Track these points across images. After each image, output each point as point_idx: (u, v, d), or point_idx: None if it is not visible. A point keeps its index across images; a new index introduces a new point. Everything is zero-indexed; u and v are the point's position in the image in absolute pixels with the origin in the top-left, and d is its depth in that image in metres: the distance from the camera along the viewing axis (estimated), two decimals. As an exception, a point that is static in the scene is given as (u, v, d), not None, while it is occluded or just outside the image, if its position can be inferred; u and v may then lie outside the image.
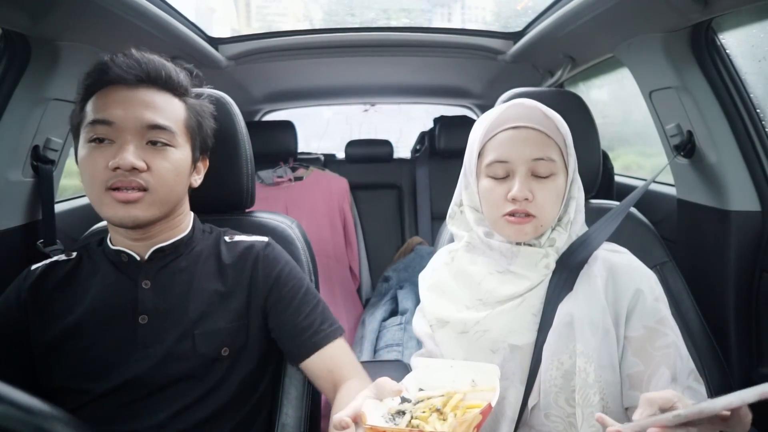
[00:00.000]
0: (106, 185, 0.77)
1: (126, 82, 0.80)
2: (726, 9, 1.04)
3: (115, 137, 0.78)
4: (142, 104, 0.80)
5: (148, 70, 0.81)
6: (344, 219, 2.34)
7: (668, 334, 0.76)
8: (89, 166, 0.78)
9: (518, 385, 0.78)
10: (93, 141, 0.78)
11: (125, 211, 0.78)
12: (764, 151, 1.22)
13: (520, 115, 0.80)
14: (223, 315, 0.86)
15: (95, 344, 0.81)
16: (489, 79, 2.30)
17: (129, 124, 0.78)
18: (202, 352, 0.83)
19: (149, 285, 0.84)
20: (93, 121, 0.78)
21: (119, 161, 0.75)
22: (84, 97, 0.82)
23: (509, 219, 0.79)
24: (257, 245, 0.93)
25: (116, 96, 0.79)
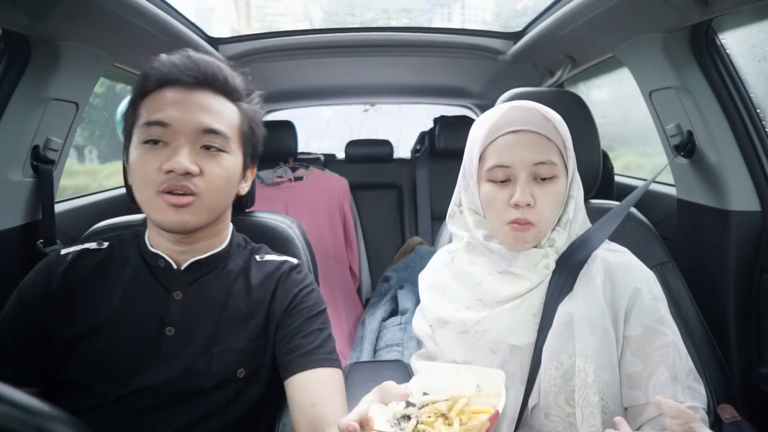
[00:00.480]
0: (158, 188, 0.76)
1: (182, 84, 0.78)
2: (726, 9, 1.04)
3: (170, 139, 0.76)
4: (198, 107, 0.78)
5: (205, 72, 0.80)
6: (344, 219, 2.34)
7: (667, 334, 0.76)
8: (142, 167, 0.76)
9: (518, 386, 0.78)
10: (147, 142, 0.76)
11: (176, 215, 0.77)
12: (764, 151, 1.22)
13: (520, 119, 0.80)
14: (242, 335, 0.83)
15: (117, 347, 0.78)
16: (489, 79, 2.30)
17: (185, 126, 0.77)
18: (216, 372, 0.80)
19: (180, 296, 0.82)
20: (148, 122, 0.76)
21: (173, 165, 0.74)
22: (138, 96, 0.80)
23: (511, 227, 0.79)
24: (285, 266, 0.92)
25: (172, 97, 0.78)
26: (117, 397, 0.76)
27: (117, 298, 0.81)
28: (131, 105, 0.81)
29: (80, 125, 1.34)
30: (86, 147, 2.62)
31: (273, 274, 0.90)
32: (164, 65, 0.79)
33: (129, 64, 1.48)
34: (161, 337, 0.79)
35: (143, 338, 0.79)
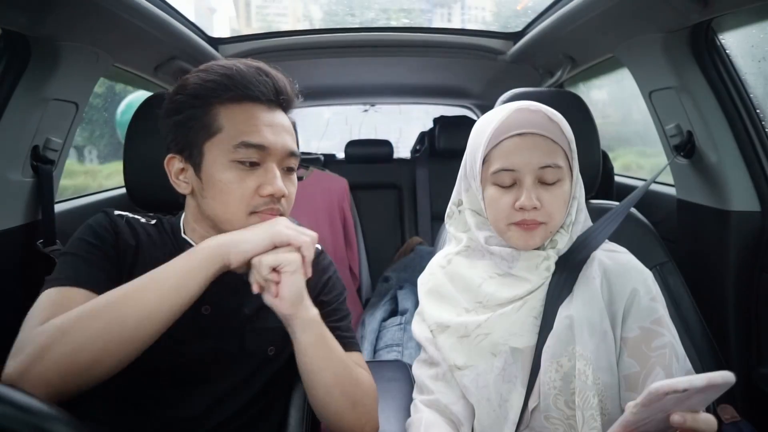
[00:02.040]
0: (252, 209, 0.77)
1: (264, 101, 0.79)
2: (726, 9, 1.05)
3: (262, 161, 0.78)
4: (283, 129, 0.80)
5: (281, 88, 0.81)
6: (344, 219, 2.34)
7: (664, 335, 0.76)
8: (237, 189, 0.77)
9: (520, 388, 0.78)
10: (242, 162, 0.77)
11: None
12: (764, 152, 1.22)
13: (525, 121, 0.79)
14: (274, 315, 0.84)
15: None
16: (489, 80, 2.30)
17: (277, 150, 0.78)
18: (251, 350, 0.84)
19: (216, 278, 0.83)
20: (247, 144, 0.76)
21: (276, 190, 0.77)
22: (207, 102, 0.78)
23: (517, 228, 0.79)
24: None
25: (263, 117, 0.78)
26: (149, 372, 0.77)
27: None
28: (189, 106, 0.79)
29: (80, 125, 1.34)
30: (86, 147, 2.62)
31: None
32: (242, 76, 0.78)
33: (129, 64, 1.48)
34: (198, 316, 0.80)
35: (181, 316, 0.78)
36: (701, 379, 0.48)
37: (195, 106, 0.78)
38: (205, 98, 0.78)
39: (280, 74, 0.83)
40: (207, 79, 0.78)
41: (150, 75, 1.59)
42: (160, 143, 1.04)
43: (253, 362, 0.85)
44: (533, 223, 0.78)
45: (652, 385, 0.49)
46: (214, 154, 0.77)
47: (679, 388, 0.48)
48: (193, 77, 0.80)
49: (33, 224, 1.22)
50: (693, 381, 0.48)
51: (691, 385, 0.48)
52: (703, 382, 0.48)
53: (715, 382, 0.49)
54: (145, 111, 1.06)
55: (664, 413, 0.52)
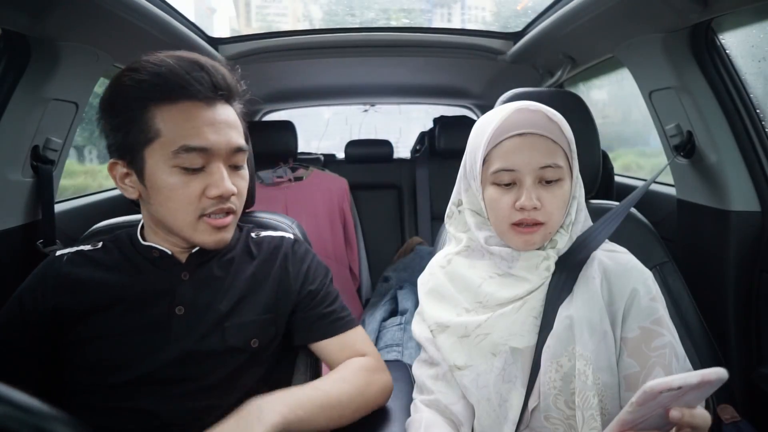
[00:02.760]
0: (201, 213, 0.77)
1: (202, 97, 0.75)
2: (726, 9, 1.05)
3: (206, 162, 0.76)
4: (227, 125, 0.77)
5: (219, 81, 0.77)
6: (344, 219, 2.34)
7: (664, 335, 0.76)
8: (182, 195, 0.75)
9: (520, 388, 0.78)
10: (185, 168, 0.74)
11: (219, 235, 0.79)
12: (764, 152, 1.22)
13: (525, 121, 0.79)
14: (253, 308, 0.86)
15: (128, 333, 0.78)
16: (489, 80, 2.30)
17: (221, 149, 0.76)
18: (232, 344, 0.82)
19: (188, 277, 0.84)
20: (189, 148, 0.73)
21: (222, 191, 0.75)
22: (143, 101, 0.74)
23: (517, 229, 0.79)
24: (286, 241, 0.95)
25: (201, 116, 0.75)
26: (128, 378, 0.77)
27: (121, 287, 0.81)
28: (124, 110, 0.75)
29: (80, 125, 1.34)
30: (86, 147, 2.62)
31: (277, 250, 0.93)
32: (176, 72, 0.74)
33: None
34: (171, 317, 0.80)
35: (153, 319, 0.79)
36: (695, 376, 0.48)
37: (131, 108, 0.75)
38: (139, 100, 0.74)
39: (219, 65, 0.80)
40: (139, 79, 0.74)
41: (150, 75, 1.59)
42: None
43: (238, 357, 0.83)
44: (533, 223, 0.78)
45: (646, 384, 0.49)
46: (155, 160, 0.75)
47: (673, 386, 0.48)
48: (125, 77, 0.76)
49: (33, 224, 1.22)
50: (687, 378, 0.48)
51: (685, 383, 0.48)
52: (696, 378, 0.48)
53: (709, 378, 0.49)
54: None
55: (660, 411, 0.52)
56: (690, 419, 0.52)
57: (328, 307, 0.92)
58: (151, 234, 0.86)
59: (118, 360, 0.77)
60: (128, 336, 0.78)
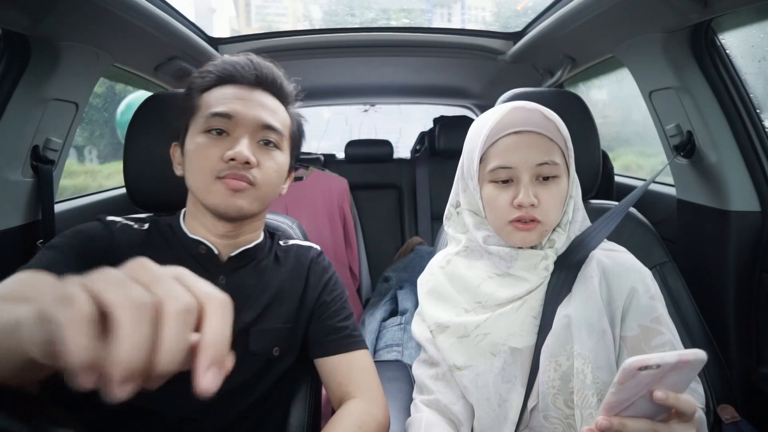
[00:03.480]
0: (217, 174, 0.80)
1: (243, 82, 0.84)
2: (726, 9, 1.04)
3: (231, 130, 0.81)
4: (259, 104, 0.84)
5: (264, 74, 0.86)
6: (344, 219, 2.34)
7: (664, 333, 0.76)
8: (203, 155, 0.80)
9: (519, 388, 0.78)
10: (209, 131, 0.81)
11: (232, 200, 0.80)
12: (764, 152, 1.22)
13: (522, 120, 0.79)
14: (278, 316, 0.88)
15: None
16: (489, 80, 2.30)
17: (247, 120, 0.81)
18: (254, 350, 0.84)
19: (224, 282, 0.85)
20: (214, 113, 0.81)
21: (235, 153, 0.78)
22: (198, 91, 0.85)
23: (516, 226, 0.79)
24: (312, 252, 0.98)
25: (235, 92, 0.83)
26: None
27: None
28: (188, 97, 0.86)
29: (80, 125, 1.34)
30: (86, 147, 2.62)
31: (302, 260, 0.96)
32: (226, 64, 0.85)
33: (129, 64, 1.48)
34: None
35: None
36: (673, 356, 0.49)
37: (190, 96, 0.86)
38: (196, 87, 0.85)
39: (271, 65, 0.88)
40: (202, 71, 0.86)
41: (150, 75, 1.59)
42: (159, 143, 1.04)
43: (258, 363, 0.85)
44: (531, 220, 0.78)
45: (625, 362, 0.50)
46: (193, 130, 0.83)
47: (650, 363, 0.49)
48: (194, 73, 0.88)
49: (33, 224, 1.22)
50: (665, 357, 0.49)
51: (663, 361, 0.49)
52: (674, 358, 0.49)
53: (687, 358, 0.50)
54: (144, 111, 1.06)
55: (644, 393, 0.52)
56: (675, 401, 0.53)
57: (341, 322, 0.92)
58: (193, 222, 0.87)
59: None
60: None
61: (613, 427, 0.54)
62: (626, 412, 0.54)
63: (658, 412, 0.55)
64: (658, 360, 0.49)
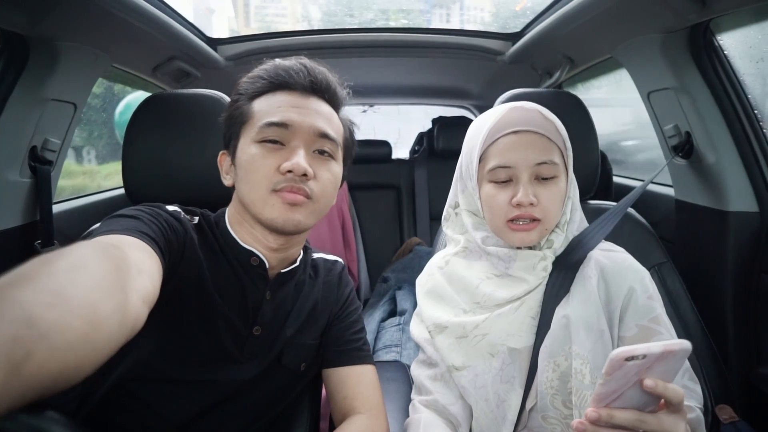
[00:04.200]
0: (273, 187, 0.76)
1: (297, 89, 0.81)
2: (724, 10, 1.05)
3: (287, 140, 0.77)
4: (315, 112, 0.80)
5: (319, 80, 0.82)
6: (343, 220, 2.34)
7: (662, 333, 0.76)
8: (258, 166, 0.76)
9: (518, 389, 0.78)
10: (264, 141, 0.77)
11: (290, 214, 0.76)
12: (762, 152, 1.22)
13: (521, 119, 0.80)
14: (311, 332, 0.88)
15: (208, 335, 0.77)
16: (487, 80, 2.30)
17: (303, 129, 0.78)
18: (285, 364, 0.84)
19: (270, 297, 0.83)
20: (269, 123, 0.77)
21: (293, 166, 0.75)
22: (248, 98, 0.81)
23: (513, 226, 0.79)
24: (338, 266, 0.98)
25: (289, 100, 0.79)
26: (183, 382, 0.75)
27: (218, 283, 0.79)
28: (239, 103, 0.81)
29: (78, 126, 1.34)
30: (84, 147, 2.61)
31: (331, 275, 0.95)
32: (279, 69, 0.81)
33: (127, 64, 1.48)
34: (248, 335, 0.80)
35: (233, 333, 0.79)
36: (658, 346, 0.50)
37: (240, 101, 0.82)
38: (247, 93, 0.81)
39: (324, 69, 0.85)
40: (252, 76, 0.83)
41: (149, 75, 1.59)
42: (158, 143, 1.04)
43: (285, 377, 0.84)
44: (530, 219, 0.78)
45: (612, 352, 0.51)
46: (245, 139, 0.79)
47: (636, 353, 0.50)
48: (244, 78, 0.84)
49: (31, 225, 1.21)
50: (650, 347, 0.50)
51: (649, 351, 0.50)
52: (659, 348, 0.50)
53: (672, 348, 0.51)
54: (143, 111, 1.06)
55: (632, 385, 0.53)
56: (663, 390, 0.53)
57: (355, 335, 0.92)
58: (238, 228, 0.83)
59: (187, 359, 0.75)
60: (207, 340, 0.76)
61: (602, 418, 0.54)
62: (615, 403, 0.54)
63: (647, 403, 0.56)
64: (644, 350, 0.50)
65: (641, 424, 0.54)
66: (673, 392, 0.54)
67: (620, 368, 0.51)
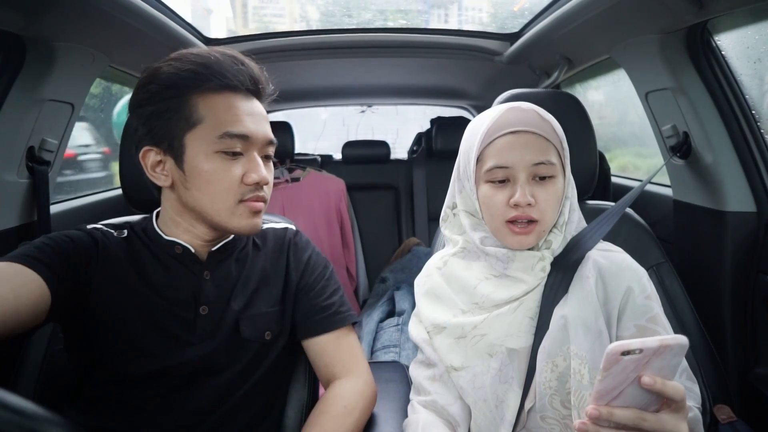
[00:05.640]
0: (240, 198, 0.79)
1: (243, 90, 0.80)
2: (721, 11, 1.05)
3: (245, 150, 0.79)
4: (262, 118, 0.82)
5: (258, 81, 0.82)
6: (341, 220, 2.34)
7: (660, 333, 0.76)
8: (224, 179, 0.77)
9: (516, 389, 0.78)
10: (225, 152, 0.77)
11: (255, 220, 0.81)
12: (759, 153, 1.22)
13: (518, 120, 0.80)
14: (264, 300, 0.88)
15: (153, 329, 0.79)
16: (486, 80, 2.30)
17: (258, 139, 0.80)
18: (246, 337, 0.84)
19: (209, 276, 0.85)
20: (231, 134, 0.77)
21: (260, 178, 0.79)
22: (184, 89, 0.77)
23: (512, 228, 0.79)
24: (288, 232, 0.98)
25: (242, 106, 0.79)
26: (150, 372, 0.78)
27: (152, 282, 0.82)
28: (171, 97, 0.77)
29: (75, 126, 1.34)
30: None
31: (281, 242, 0.95)
32: (223, 68, 0.78)
33: (125, 65, 1.48)
34: (195, 316, 0.82)
35: (179, 318, 0.81)
36: (654, 341, 0.51)
37: (171, 96, 0.77)
38: (182, 88, 0.77)
39: (253, 63, 0.84)
40: (183, 68, 0.77)
41: (146, 76, 1.59)
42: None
43: (252, 349, 0.85)
44: (527, 220, 0.78)
45: (608, 347, 0.51)
46: (197, 145, 0.77)
47: (632, 348, 0.50)
48: (166, 66, 0.78)
49: (28, 225, 1.21)
50: (646, 342, 0.51)
51: (645, 346, 0.51)
52: (656, 343, 0.51)
53: (668, 343, 0.51)
54: (141, 112, 1.05)
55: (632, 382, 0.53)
56: (662, 387, 0.53)
57: (327, 300, 0.92)
58: (172, 226, 0.85)
59: (139, 353, 0.78)
60: (153, 332, 0.79)
61: (602, 416, 0.54)
62: (616, 402, 0.54)
63: (649, 402, 0.56)
64: (639, 345, 0.51)
65: (642, 422, 0.54)
66: (673, 389, 0.54)
67: (617, 363, 0.51)
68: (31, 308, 0.68)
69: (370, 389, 0.89)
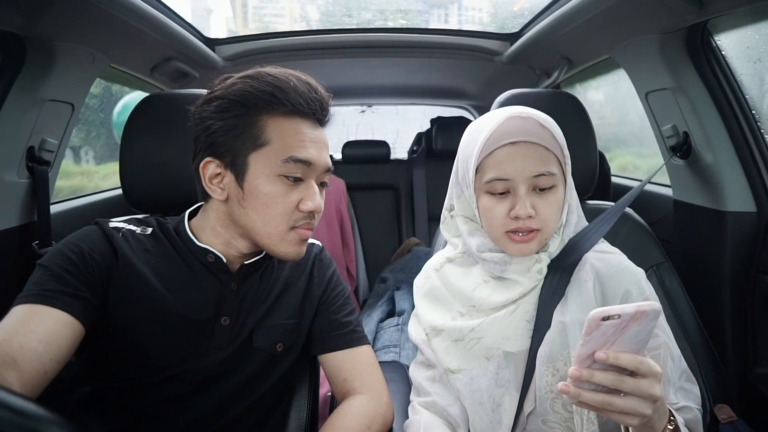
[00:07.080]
0: (293, 224, 0.80)
1: (312, 119, 0.81)
2: (721, 11, 1.05)
3: (305, 177, 0.79)
4: (325, 146, 0.82)
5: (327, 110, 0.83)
6: (341, 220, 2.34)
7: (659, 335, 0.76)
8: (282, 203, 0.78)
9: (513, 392, 0.78)
10: (287, 176, 0.78)
11: (302, 248, 0.83)
12: (760, 152, 1.22)
13: (517, 130, 0.78)
14: (282, 311, 0.88)
15: (171, 333, 0.79)
16: (486, 80, 2.30)
17: (319, 167, 0.80)
18: (258, 347, 0.85)
19: (236, 288, 0.85)
20: (295, 159, 0.77)
21: (315, 206, 0.79)
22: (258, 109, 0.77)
23: (513, 237, 0.79)
24: (315, 248, 0.99)
25: (309, 134, 0.79)
26: (158, 380, 0.78)
27: (174, 284, 0.81)
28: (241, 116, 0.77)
29: (76, 126, 1.34)
30: (82, 148, 2.61)
31: (307, 256, 0.95)
32: (298, 95, 0.78)
33: (125, 65, 1.48)
34: (216, 326, 0.82)
35: (199, 325, 0.81)
36: (631, 307, 0.55)
37: (241, 114, 0.77)
38: (253, 108, 0.77)
39: (325, 92, 0.83)
40: (259, 88, 0.77)
41: (146, 76, 1.59)
42: (156, 144, 1.03)
43: (261, 359, 0.85)
44: (528, 230, 0.78)
45: (590, 313, 0.55)
46: (260, 167, 0.77)
47: (612, 313, 0.55)
48: (240, 83, 0.78)
49: (28, 225, 1.21)
50: (624, 308, 0.55)
51: (623, 311, 0.55)
52: (633, 309, 0.55)
53: (644, 309, 0.55)
54: (141, 112, 1.06)
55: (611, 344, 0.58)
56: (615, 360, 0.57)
57: (345, 317, 0.93)
58: (211, 235, 0.84)
59: (149, 360, 0.78)
60: (166, 340, 0.78)
61: (583, 377, 0.57)
62: (596, 365, 0.58)
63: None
64: (618, 310, 0.55)
65: (620, 384, 0.57)
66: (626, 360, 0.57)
67: (598, 328, 0.56)
68: (66, 348, 0.68)
69: (389, 411, 0.88)
